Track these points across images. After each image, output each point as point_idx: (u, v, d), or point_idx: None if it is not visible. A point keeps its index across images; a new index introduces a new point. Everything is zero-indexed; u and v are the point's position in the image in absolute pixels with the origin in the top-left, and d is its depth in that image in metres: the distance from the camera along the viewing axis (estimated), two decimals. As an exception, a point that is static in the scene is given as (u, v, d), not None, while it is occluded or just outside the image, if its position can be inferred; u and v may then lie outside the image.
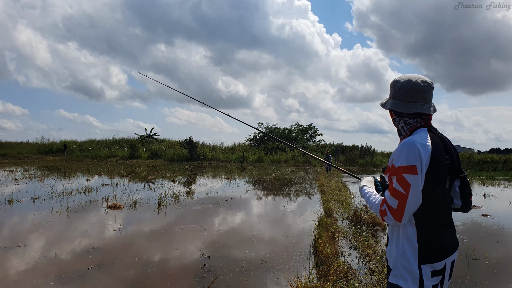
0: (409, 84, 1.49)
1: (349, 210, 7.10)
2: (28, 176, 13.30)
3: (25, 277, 3.54)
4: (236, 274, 3.71)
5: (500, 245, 5.10)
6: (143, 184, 11.74)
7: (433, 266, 1.37)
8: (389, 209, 1.38)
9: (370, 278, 3.55)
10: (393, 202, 1.37)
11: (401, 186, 1.35)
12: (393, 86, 1.54)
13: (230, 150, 32.23)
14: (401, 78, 1.54)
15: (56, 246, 4.56)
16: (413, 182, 1.33)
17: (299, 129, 38.61)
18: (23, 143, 34.80)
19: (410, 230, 1.39)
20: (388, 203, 1.39)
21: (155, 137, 37.12)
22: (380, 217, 1.44)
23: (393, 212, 1.37)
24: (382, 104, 1.60)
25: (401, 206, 1.35)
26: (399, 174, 1.36)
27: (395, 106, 1.52)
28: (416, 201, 1.35)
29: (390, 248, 1.47)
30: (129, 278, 3.54)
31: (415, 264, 1.37)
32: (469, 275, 3.76)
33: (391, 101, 1.55)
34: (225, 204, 8.00)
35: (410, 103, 1.50)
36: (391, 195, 1.38)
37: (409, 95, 1.50)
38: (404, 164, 1.35)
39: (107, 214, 6.61)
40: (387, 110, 1.60)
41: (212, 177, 14.88)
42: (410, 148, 1.36)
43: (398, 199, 1.35)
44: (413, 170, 1.33)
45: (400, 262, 1.40)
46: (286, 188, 11.60)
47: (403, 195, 1.34)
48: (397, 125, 1.57)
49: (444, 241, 1.41)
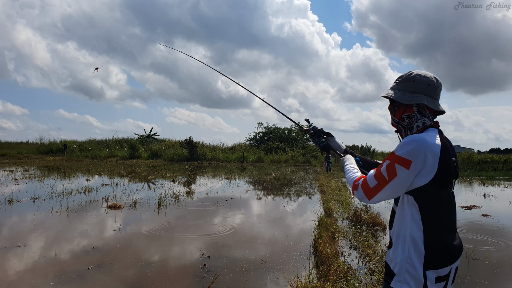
0: (437, 81, 1.46)
1: (349, 210, 7.10)
2: (28, 176, 13.30)
3: (25, 277, 3.53)
4: (236, 274, 3.70)
5: (500, 245, 5.09)
6: (143, 184, 11.74)
7: (438, 272, 1.34)
8: (363, 186, 1.40)
9: (370, 278, 3.55)
10: (372, 182, 1.37)
11: (387, 172, 1.33)
12: (419, 80, 1.45)
13: (230, 150, 32.21)
14: (424, 73, 1.47)
15: (56, 246, 4.56)
16: (400, 175, 1.31)
17: (299, 129, 38.57)
18: (23, 143, 34.80)
19: (417, 234, 1.34)
20: (367, 180, 1.39)
21: (155, 137, 37.11)
22: (351, 189, 1.47)
23: (366, 190, 1.39)
24: (408, 98, 1.45)
25: (377, 188, 1.36)
26: (392, 161, 1.33)
27: (428, 102, 1.43)
28: (392, 193, 1.35)
29: (395, 252, 1.42)
30: (129, 278, 3.54)
31: (420, 269, 1.33)
32: (469, 275, 3.75)
33: (420, 96, 1.44)
34: (225, 204, 7.99)
35: (436, 101, 1.47)
36: (374, 176, 1.38)
37: (436, 92, 1.46)
38: (402, 155, 1.31)
39: (107, 214, 6.61)
40: (387, 108, 1.55)
41: (212, 177, 14.88)
42: (417, 145, 1.30)
43: (378, 181, 1.35)
44: (407, 164, 1.29)
45: (405, 268, 1.36)
46: (286, 188, 11.60)
47: (384, 180, 1.34)
48: (412, 122, 1.46)
49: (450, 247, 1.38)
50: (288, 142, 34.27)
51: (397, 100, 1.47)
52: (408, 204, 1.37)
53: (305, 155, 29.08)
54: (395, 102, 1.51)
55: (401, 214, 1.40)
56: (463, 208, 8.10)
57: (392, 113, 1.54)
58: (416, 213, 1.35)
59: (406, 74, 1.50)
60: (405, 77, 1.49)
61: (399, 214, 1.42)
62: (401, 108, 1.48)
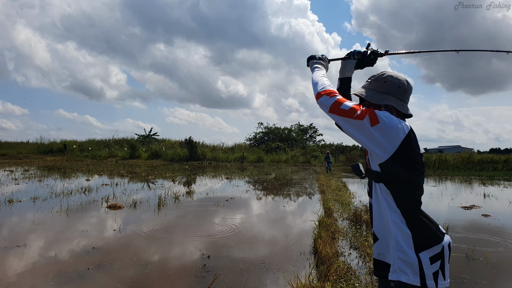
0: (408, 84, 1.50)
1: (349, 210, 7.10)
2: (28, 176, 13.30)
3: (25, 277, 3.53)
4: (236, 274, 3.70)
5: (500, 245, 5.09)
6: (143, 184, 11.74)
7: (431, 251, 1.33)
8: (338, 100, 1.38)
9: (370, 278, 3.54)
10: (346, 106, 1.36)
11: (360, 112, 1.33)
12: (390, 82, 1.49)
13: (230, 150, 32.23)
14: (396, 75, 1.51)
15: (56, 246, 4.56)
16: (363, 123, 1.32)
17: (299, 129, 38.59)
18: (23, 143, 34.82)
19: (398, 218, 1.35)
20: (343, 103, 1.38)
21: (155, 137, 37.12)
22: (317, 90, 1.46)
23: (335, 105, 1.37)
24: (377, 98, 1.50)
25: (342, 112, 1.36)
26: (367, 111, 1.34)
27: (396, 104, 1.48)
28: (349, 128, 1.36)
29: (382, 244, 1.41)
30: (128, 278, 3.54)
31: (412, 253, 1.32)
32: (469, 275, 3.75)
33: (389, 97, 1.48)
34: (225, 204, 7.99)
35: (405, 104, 1.51)
36: (350, 106, 1.36)
37: (406, 95, 1.51)
38: (377, 114, 1.34)
39: (107, 214, 6.61)
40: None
41: (212, 177, 14.88)
42: (392, 118, 1.36)
43: (349, 111, 1.35)
44: (375, 121, 1.32)
45: (396, 255, 1.34)
46: (286, 188, 11.60)
47: (352, 114, 1.34)
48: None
49: (434, 224, 1.39)
50: (288, 142, 34.28)
51: (367, 99, 1.51)
52: (381, 193, 1.39)
53: (305, 155, 29.10)
54: (365, 100, 1.55)
55: (377, 204, 1.42)
56: (463, 208, 8.10)
57: None
58: (390, 199, 1.37)
59: (379, 74, 1.54)
60: (377, 77, 1.53)
61: (375, 205, 1.43)
62: (370, 107, 1.51)
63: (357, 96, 1.59)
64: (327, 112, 1.39)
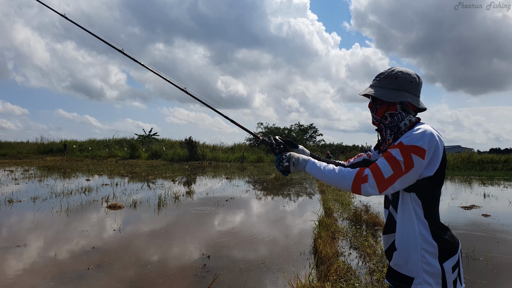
0: (419, 78, 1.44)
1: (349, 210, 7.10)
2: (28, 176, 13.30)
3: (25, 277, 3.53)
4: (236, 274, 3.70)
5: (500, 245, 5.09)
6: (143, 184, 11.74)
7: (452, 260, 1.31)
8: (375, 176, 1.25)
9: (370, 278, 3.54)
10: (387, 171, 1.25)
11: (404, 161, 1.23)
12: (401, 78, 1.41)
13: (230, 150, 32.22)
14: (406, 70, 1.44)
15: (56, 246, 4.56)
16: (416, 165, 1.23)
17: (299, 129, 38.60)
18: (23, 143, 34.77)
19: (424, 230, 1.30)
20: (381, 168, 1.26)
21: (155, 137, 37.11)
22: (349, 185, 1.30)
23: (379, 180, 1.25)
24: (392, 96, 1.41)
25: (392, 179, 1.24)
26: (406, 151, 1.24)
27: (411, 100, 1.40)
28: (404, 185, 1.27)
29: (403, 255, 1.34)
30: (128, 278, 3.54)
31: (437, 264, 1.28)
32: (469, 275, 3.75)
33: (403, 93, 1.41)
34: (225, 204, 7.99)
35: (418, 98, 1.45)
36: (389, 163, 1.25)
37: (418, 89, 1.45)
38: (417, 144, 1.24)
39: (107, 214, 6.61)
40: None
41: (212, 177, 14.88)
42: (431, 135, 1.26)
43: (395, 171, 1.24)
44: (422, 153, 1.23)
45: (421, 268, 1.29)
46: (286, 188, 11.60)
47: (400, 170, 1.24)
48: (395, 120, 1.41)
49: (451, 234, 1.37)
50: (288, 142, 34.25)
51: (380, 98, 1.41)
52: (411, 202, 1.33)
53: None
54: (377, 100, 1.46)
55: (403, 214, 1.35)
56: (463, 208, 8.09)
57: (373, 112, 1.48)
58: (419, 209, 1.32)
59: (388, 71, 1.45)
60: (387, 74, 1.44)
61: (400, 215, 1.36)
62: (384, 106, 1.44)
63: (366, 96, 1.50)
64: (381, 194, 1.29)
